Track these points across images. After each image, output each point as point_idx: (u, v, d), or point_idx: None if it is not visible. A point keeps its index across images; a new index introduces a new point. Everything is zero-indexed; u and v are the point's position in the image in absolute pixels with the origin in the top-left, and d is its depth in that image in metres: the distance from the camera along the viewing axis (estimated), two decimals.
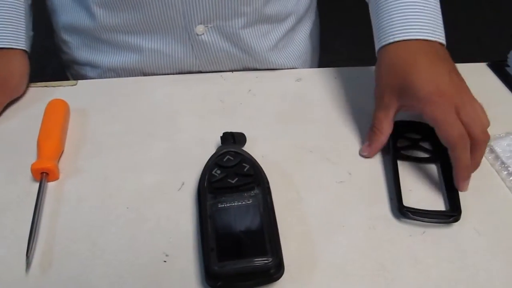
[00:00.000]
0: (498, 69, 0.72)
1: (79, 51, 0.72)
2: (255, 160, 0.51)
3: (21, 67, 0.62)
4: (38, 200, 0.48)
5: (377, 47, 0.58)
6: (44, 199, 0.50)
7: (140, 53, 0.67)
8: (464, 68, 0.73)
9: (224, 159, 0.50)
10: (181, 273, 0.45)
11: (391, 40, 0.55)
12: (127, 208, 0.50)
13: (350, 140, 0.59)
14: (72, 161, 0.55)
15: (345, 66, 0.71)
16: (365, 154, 0.56)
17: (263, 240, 0.43)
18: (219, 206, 0.46)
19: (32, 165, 0.50)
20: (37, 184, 0.50)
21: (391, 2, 0.56)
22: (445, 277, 0.45)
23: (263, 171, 0.50)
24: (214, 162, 0.50)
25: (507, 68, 0.72)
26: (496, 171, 0.56)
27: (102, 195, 0.51)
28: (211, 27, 0.64)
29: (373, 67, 0.59)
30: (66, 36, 0.73)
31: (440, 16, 0.56)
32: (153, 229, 0.48)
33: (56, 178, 0.52)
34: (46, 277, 0.44)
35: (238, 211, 0.45)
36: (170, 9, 0.61)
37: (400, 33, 0.55)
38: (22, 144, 0.56)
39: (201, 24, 0.64)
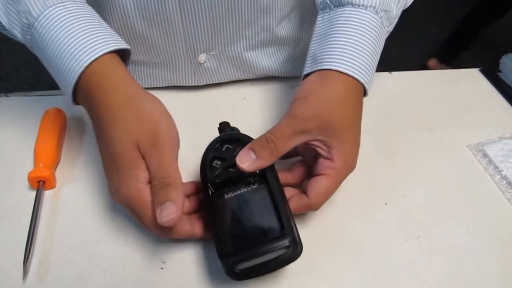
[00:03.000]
0: (491, 75, 0.73)
1: None
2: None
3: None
4: (35, 208, 0.49)
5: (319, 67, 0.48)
6: (41, 207, 0.50)
7: (141, 77, 0.67)
8: (457, 74, 0.74)
9: (223, 149, 0.48)
10: (179, 280, 0.45)
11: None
12: (124, 215, 0.50)
13: None
14: (69, 170, 0.55)
15: None
16: (245, 165, 0.44)
17: (275, 221, 0.42)
18: (225, 197, 0.44)
19: (29, 173, 0.51)
20: (34, 193, 0.50)
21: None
22: (440, 281, 0.46)
23: None
24: (213, 154, 0.48)
25: (499, 74, 0.73)
26: (490, 175, 0.56)
27: (99, 203, 0.51)
28: (213, 54, 0.64)
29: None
30: None
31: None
32: (150, 236, 0.48)
33: (53, 186, 0.52)
34: (43, 285, 0.44)
35: (245, 198, 0.44)
36: (172, 40, 0.61)
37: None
38: (19, 153, 0.56)
39: (203, 52, 0.63)
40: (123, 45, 0.47)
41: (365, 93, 0.49)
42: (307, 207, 0.46)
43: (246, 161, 0.44)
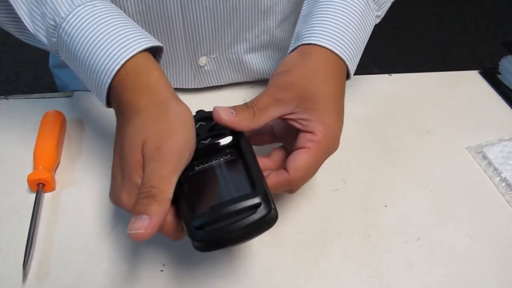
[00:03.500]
0: (490, 77, 0.73)
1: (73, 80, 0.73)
2: None
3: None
4: (35, 210, 0.49)
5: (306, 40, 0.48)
6: (41, 210, 0.50)
7: None
8: (456, 76, 0.74)
9: (196, 126, 0.45)
10: (178, 283, 0.45)
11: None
12: (124, 218, 0.50)
13: (344, 148, 0.59)
14: (69, 172, 0.55)
15: None
16: (222, 114, 0.42)
17: (247, 186, 0.39)
18: (195, 169, 0.42)
19: (29, 176, 0.51)
20: (34, 195, 0.50)
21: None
22: (440, 283, 0.46)
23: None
24: None
25: (499, 76, 0.73)
26: (489, 177, 0.57)
27: (99, 205, 0.51)
28: (213, 57, 0.64)
29: (368, 76, 0.59)
30: (62, 71, 0.73)
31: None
32: (150, 238, 0.48)
33: (52, 189, 0.52)
34: (42, 287, 0.44)
35: (217, 169, 0.42)
36: (173, 43, 0.61)
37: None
38: (19, 155, 0.56)
39: (204, 55, 0.63)
40: (155, 42, 0.45)
41: (348, 75, 0.49)
42: (286, 182, 0.43)
43: (224, 111, 0.42)
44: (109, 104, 0.45)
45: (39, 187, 0.51)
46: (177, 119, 0.40)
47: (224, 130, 0.44)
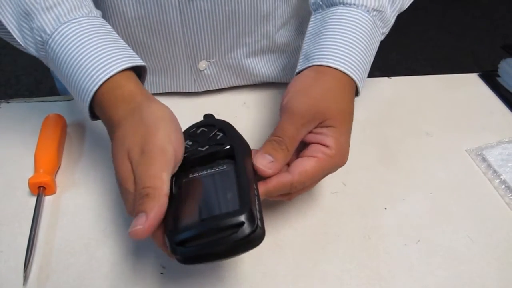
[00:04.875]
0: (489, 79, 0.73)
1: None
2: (234, 128, 0.46)
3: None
4: (36, 214, 0.49)
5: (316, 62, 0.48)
6: (42, 213, 0.50)
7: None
8: (456, 79, 0.75)
9: (198, 131, 0.46)
10: (179, 285, 0.45)
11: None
12: (124, 221, 0.50)
13: None
14: (69, 175, 0.55)
15: None
16: (271, 172, 0.42)
17: (236, 200, 0.37)
18: (189, 176, 0.41)
19: (30, 179, 0.51)
20: (35, 198, 0.50)
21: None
22: (440, 285, 0.46)
23: (242, 137, 0.45)
24: (187, 134, 0.46)
25: (498, 78, 0.73)
26: (489, 180, 0.57)
27: (99, 208, 0.51)
28: (213, 61, 0.65)
29: (368, 79, 0.59)
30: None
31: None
32: (150, 241, 0.48)
33: (53, 192, 0.52)
34: None
35: (209, 179, 0.41)
36: (173, 48, 0.61)
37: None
38: (20, 159, 0.56)
39: (203, 60, 0.64)
40: (138, 62, 0.46)
41: (357, 92, 0.49)
42: (288, 185, 0.42)
43: (263, 160, 0.42)
44: (95, 117, 0.47)
45: (40, 190, 0.51)
46: (152, 119, 0.41)
47: (224, 140, 0.44)
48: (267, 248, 0.48)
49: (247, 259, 0.47)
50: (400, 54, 2.24)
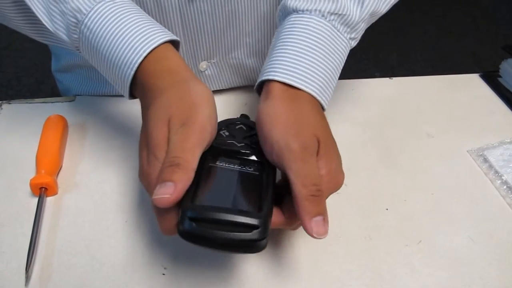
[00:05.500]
0: (491, 80, 0.73)
1: (77, 85, 0.73)
2: None
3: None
4: (37, 214, 0.49)
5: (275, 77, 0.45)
6: (43, 213, 0.50)
7: None
8: (457, 79, 0.75)
9: (237, 127, 0.47)
10: (180, 286, 0.45)
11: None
12: (126, 221, 0.50)
13: (344, 152, 0.60)
14: (71, 176, 0.55)
15: (340, 78, 0.72)
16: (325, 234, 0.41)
17: (255, 204, 0.39)
18: (217, 163, 0.42)
19: (31, 180, 0.51)
20: (36, 199, 0.51)
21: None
22: (442, 286, 0.46)
23: None
24: (226, 124, 0.47)
25: (499, 79, 0.73)
26: (490, 180, 0.57)
27: (101, 209, 0.51)
28: (214, 62, 0.65)
29: (368, 80, 0.59)
30: (64, 75, 0.74)
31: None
32: (151, 242, 0.48)
33: (54, 193, 0.53)
34: None
35: (236, 175, 0.42)
36: None
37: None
38: (21, 160, 0.56)
39: (204, 60, 0.64)
40: (173, 36, 0.47)
41: (323, 108, 0.46)
42: (281, 224, 0.42)
43: (316, 225, 0.40)
44: (131, 95, 0.47)
45: (42, 191, 0.51)
46: (199, 97, 0.42)
47: (258, 145, 0.44)
48: (268, 249, 0.48)
49: (248, 260, 0.47)
50: (400, 55, 2.24)
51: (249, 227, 0.36)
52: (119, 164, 0.57)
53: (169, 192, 0.36)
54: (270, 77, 0.45)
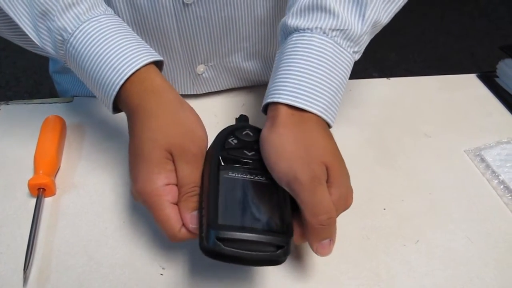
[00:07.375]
0: (488, 80, 0.74)
1: (73, 85, 0.73)
2: None
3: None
4: (35, 215, 0.49)
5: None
6: (41, 214, 0.50)
7: None
8: (454, 79, 0.75)
9: (243, 133, 0.47)
10: (178, 286, 0.45)
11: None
12: (123, 222, 0.50)
13: (342, 152, 0.60)
14: (69, 177, 0.55)
15: None
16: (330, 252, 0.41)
17: (277, 218, 0.39)
18: (230, 174, 0.42)
19: (29, 181, 0.51)
20: (34, 200, 0.51)
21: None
22: (439, 285, 0.46)
23: None
24: (232, 130, 0.47)
25: (497, 79, 0.73)
26: (487, 180, 0.57)
27: (99, 210, 0.51)
28: (211, 65, 0.65)
29: (366, 80, 0.59)
30: (62, 77, 0.74)
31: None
32: (149, 242, 0.48)
33: (53, 193, 0.53)
34: None
35: (250, 186, 0.42)
36: (170, 53, 0.61)
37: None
38: (19, 160, 0.56)
39: (201, 64, 0.64)
40: (157, 57, 0.48)
41: (329, 125, 0.46)
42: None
43: (326, 246, 0.41)
44: (116, 110, 0.48)
45: (40, 191, 0.51)
46: (190, 120, 0.45)
47: None
48: None
49: None
50: (398, 55, 2.24)
51: (277, 247, 0.37)
52: (117, 165, 0.57)
53: (194, 222, 0.40)
54: (275, 100, 0.44)
